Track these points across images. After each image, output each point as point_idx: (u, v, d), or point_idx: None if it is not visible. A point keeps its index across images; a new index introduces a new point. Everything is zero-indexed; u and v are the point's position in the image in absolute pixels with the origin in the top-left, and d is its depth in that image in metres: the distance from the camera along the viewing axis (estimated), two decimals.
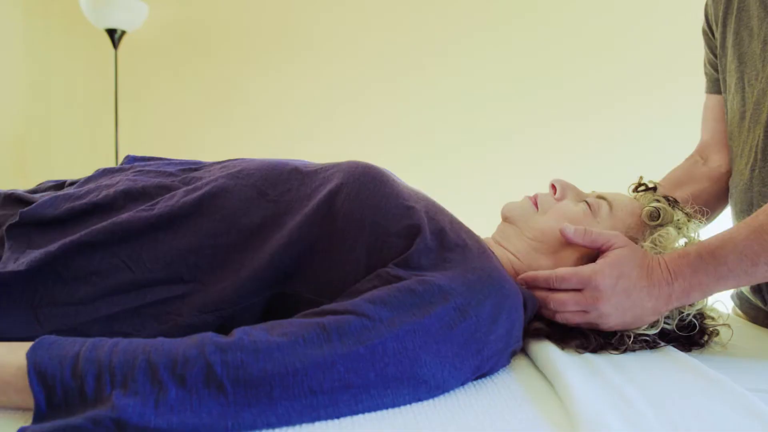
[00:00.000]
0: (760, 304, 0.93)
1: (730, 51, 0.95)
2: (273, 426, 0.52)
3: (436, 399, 0.59)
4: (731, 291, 1.07)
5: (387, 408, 0.57)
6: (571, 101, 2.56)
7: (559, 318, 0.74)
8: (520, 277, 0.78)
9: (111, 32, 2.52)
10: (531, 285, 0.76)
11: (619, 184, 0.96)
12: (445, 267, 0.66)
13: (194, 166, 0.82)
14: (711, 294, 0.71)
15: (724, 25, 0.97)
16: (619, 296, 0.69)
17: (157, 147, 2.68)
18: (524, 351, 0.76)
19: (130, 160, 0.86)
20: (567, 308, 0.71)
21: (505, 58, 2.60)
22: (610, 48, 2.54)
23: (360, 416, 0.55)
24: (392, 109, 2.64)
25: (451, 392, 0.61)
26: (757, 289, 0.91)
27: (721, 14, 0.98)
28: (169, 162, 0.84)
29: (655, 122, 2.52)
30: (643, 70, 2.50)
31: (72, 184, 0.81)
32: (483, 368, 0.64)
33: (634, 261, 0.70)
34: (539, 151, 2.60)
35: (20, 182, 2.58)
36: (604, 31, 2.55)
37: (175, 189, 0.74)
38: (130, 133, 2.65)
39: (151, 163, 0.84)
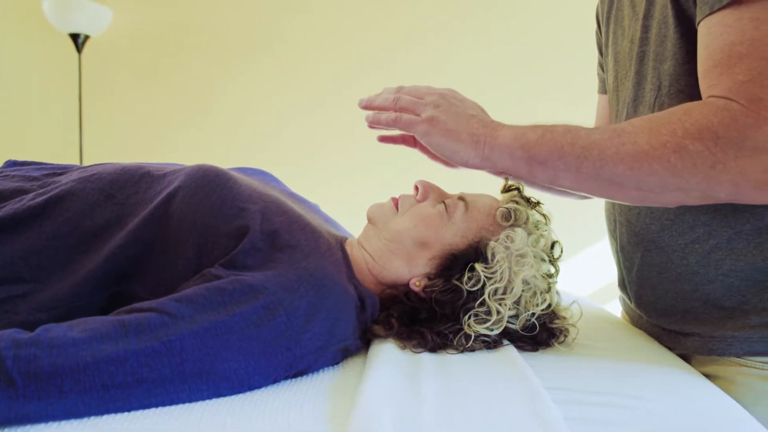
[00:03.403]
0: (627, 301, 0.94)
1: (610, 50, 0.95)
2: (59, 418, 0.55)
3: (236, 396, 0.61)
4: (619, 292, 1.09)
5: (184, 403, 0.59)
6: (541, 98, 2.55)
7: (397, 115, 0.78)
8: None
9: (74, 37, 2.56)
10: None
11: None
12: (269, 267, 0.69)
13: (60, 171, 0.84)
14: (523, 147, 0.68)
15: (607, 25, 0.97)
16: (455, 97, 0.75)
17: (121, 151, 2.72)
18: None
19: (9, 164, 0.89)
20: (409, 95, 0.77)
21: (485, 51, 2.59)
22: (580, 42, 2.53)
23: (152, 410, 0.57)
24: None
25: (258, 389, 0.63)
26: (623, 286, 0.93)
27: (605, 13, 0.98)
28: (41, 167, 0.87)
29: None
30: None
31: None
32: (297, 366, 0.66)
33: (481, 108, 0.77)
34: None
35: None
36: (573, 28, 2.54)
37: (31, 193, 0.77)
38: (95, 138, 2.69)
39: (25, 167, 0.87)
